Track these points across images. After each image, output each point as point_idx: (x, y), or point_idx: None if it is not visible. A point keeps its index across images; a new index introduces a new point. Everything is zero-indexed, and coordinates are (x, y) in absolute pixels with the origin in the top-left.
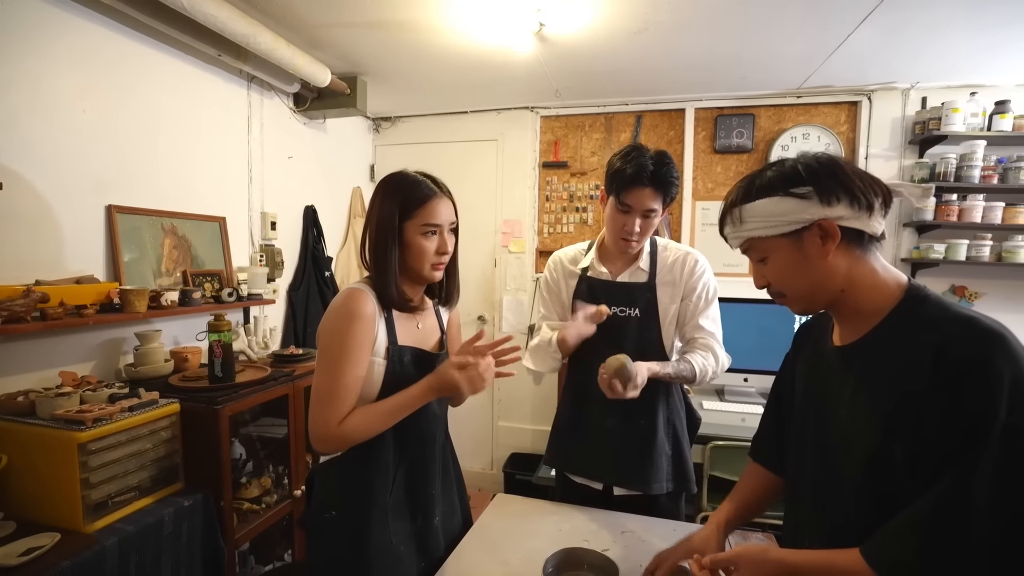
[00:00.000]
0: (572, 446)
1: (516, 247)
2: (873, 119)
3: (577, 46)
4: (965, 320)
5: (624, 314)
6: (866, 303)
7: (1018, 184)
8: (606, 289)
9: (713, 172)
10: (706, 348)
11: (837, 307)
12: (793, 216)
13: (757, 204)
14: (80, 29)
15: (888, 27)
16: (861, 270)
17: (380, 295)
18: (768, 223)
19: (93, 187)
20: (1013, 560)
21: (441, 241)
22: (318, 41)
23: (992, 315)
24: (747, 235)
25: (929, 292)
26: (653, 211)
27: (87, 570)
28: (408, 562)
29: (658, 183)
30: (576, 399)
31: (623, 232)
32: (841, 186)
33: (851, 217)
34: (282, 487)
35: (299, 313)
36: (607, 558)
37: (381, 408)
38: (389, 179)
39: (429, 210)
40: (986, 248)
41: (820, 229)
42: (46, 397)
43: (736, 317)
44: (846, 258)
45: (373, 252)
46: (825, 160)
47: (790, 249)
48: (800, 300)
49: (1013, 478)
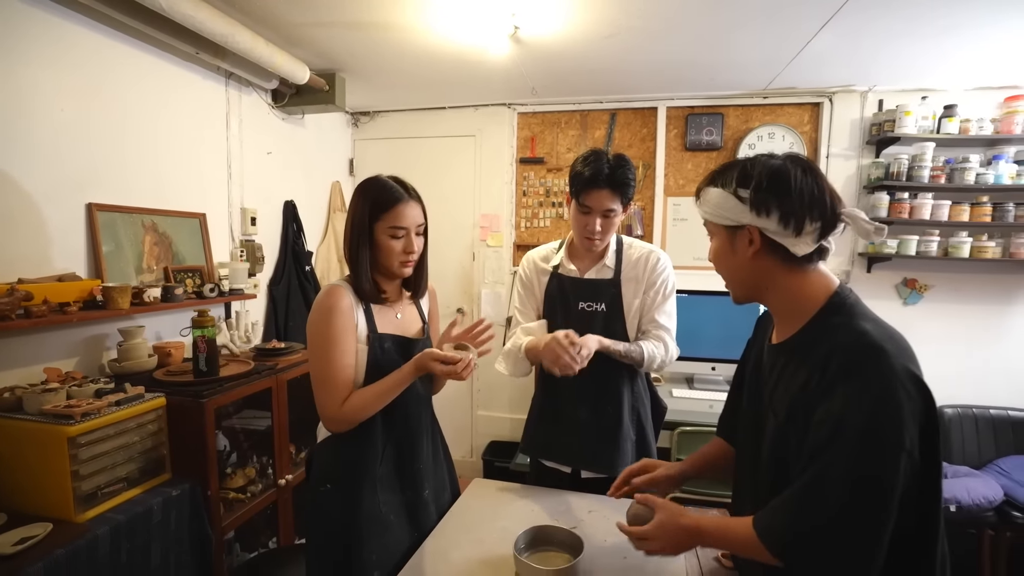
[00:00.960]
0: (545, 433)
1: (494, 241)
2: (834, 120)
3: (551, 48)
4: (858, 333)
5: (591, 308)
6: (792, 307)
7: (963, 184)
8: (575, 285)
9: (684, 169)
10: (658, 339)
11: (767, 302)
12: (731, 214)
13: (712, 192)
14: (56, 27)
15: (845, 33)
16: (787, 278)
17: (356, 289)
18: (715, 212)
19: (73, 185)
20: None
21: (408, 242)
22: (296, 39)
23: (939, 306)
24: (702, 214)
25: (847, 301)
26: (612, 211)
27: (81, 557)
28: (399, 531)
29: (614, 184)
30: (549, 391)
31: (586, 232)
32: (776, 202)
33: (778, 233)
34: (266, 477)
35: (280, 307)
36: (574, 534)
37: (375, 389)
38: (364, 183)
39: (396, 214)
40: (934, 243)
41: (749, 233)
42: (33, 393)
43: (704, 308)
44: (771, 265)
45: (348, 251)
46: (777, 173)
47: (725, 239)
48: (730, 286)
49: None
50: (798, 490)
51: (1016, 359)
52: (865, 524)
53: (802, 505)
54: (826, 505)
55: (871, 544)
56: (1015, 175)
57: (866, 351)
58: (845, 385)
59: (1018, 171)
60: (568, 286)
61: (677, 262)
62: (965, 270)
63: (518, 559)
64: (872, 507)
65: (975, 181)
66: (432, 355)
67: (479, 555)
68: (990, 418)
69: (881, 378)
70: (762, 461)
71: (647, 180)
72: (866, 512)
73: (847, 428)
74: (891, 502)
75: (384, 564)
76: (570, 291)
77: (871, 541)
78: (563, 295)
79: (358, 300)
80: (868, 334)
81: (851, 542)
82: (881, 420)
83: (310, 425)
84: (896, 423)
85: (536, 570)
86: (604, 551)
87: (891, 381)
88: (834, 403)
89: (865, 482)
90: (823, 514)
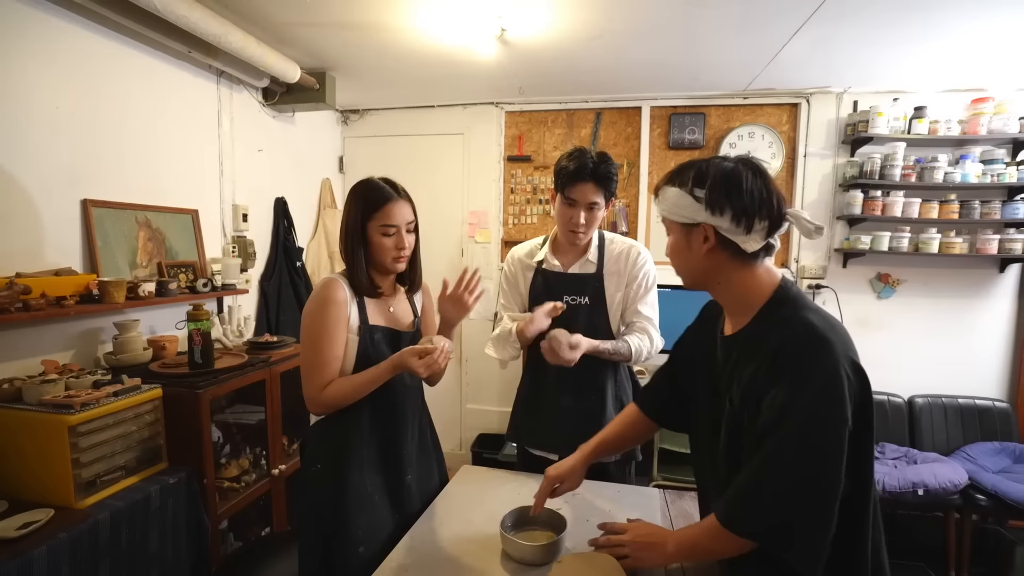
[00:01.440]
0: (530, 421)
1: (482, 237)
2: (811, 120)
3: (537, 49)
4: (804, 325)
5: (575, 302)
6: (741, 300)
7: (932, 182)
8: (559, 280)
9: (667, 167)
10: (643, 331)
11: (716, 295)
12: (687, 212)
13: (670, 190)
14: (51, 26)
15: (819, 38)
16: (737, 272)
17: (352, 283)
18: (671, 210)
19: (68, 181)
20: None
21: (399, 239)
22: (288, 38)
23: (910, 299)
24: (659, 211)
25: (791, 293)
26: (596, 204)
27: (83, 541)
28: (382, 511)
29: (599, 178)
30: (534, 380)
31: (570, 225)
32: (728, 202)
33: (729, 230)
34: (260, 467)
35: (271, 302)
36: (557, 514)
37: (355, 380)
38: (356, 186)
39: (386, 212)
40: (905, 239)
41: (704, 231)
42: (32, 384)
43: (681, 302)
44: (723, 260)
45: (344, 248)
46: (731, 174)
47: (681, 236)
48: (683, 278)
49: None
50: (751, 473)
51: (982, 350)
52: (819, 489)
53: (759, 484)
54: (782, 478)
55: (826, 507)
56: (980, 174)
57: (812, 342)
58: (794, 373)
59: (983, 170)
60: (552, 280)
61: (660, 258)
62: (935, 265)
63: (504, 536)
64: (822, 473)
65: (943, 180)
66: (410, 351)
67: (467, 534)
68: (958, 407)
69: (826, 365)
70: (719, 448)
71: (632, 178)
72: (819, 479)
73: (796, 409)
74: (839, 470)
75: (368, 540)
76: (554, 285)
77: (826, 504)
78: (548, 289)
79: (353, 294)
80: (814, 326)
81: (808, 507)
82: (826, 400)
83: (302, 417)
84: (839, 402)
85: (521, 546)
86: (586, 529)
87: (835, 367)
88: (782, 389)
89: (816, 452)
90: (781, 485)
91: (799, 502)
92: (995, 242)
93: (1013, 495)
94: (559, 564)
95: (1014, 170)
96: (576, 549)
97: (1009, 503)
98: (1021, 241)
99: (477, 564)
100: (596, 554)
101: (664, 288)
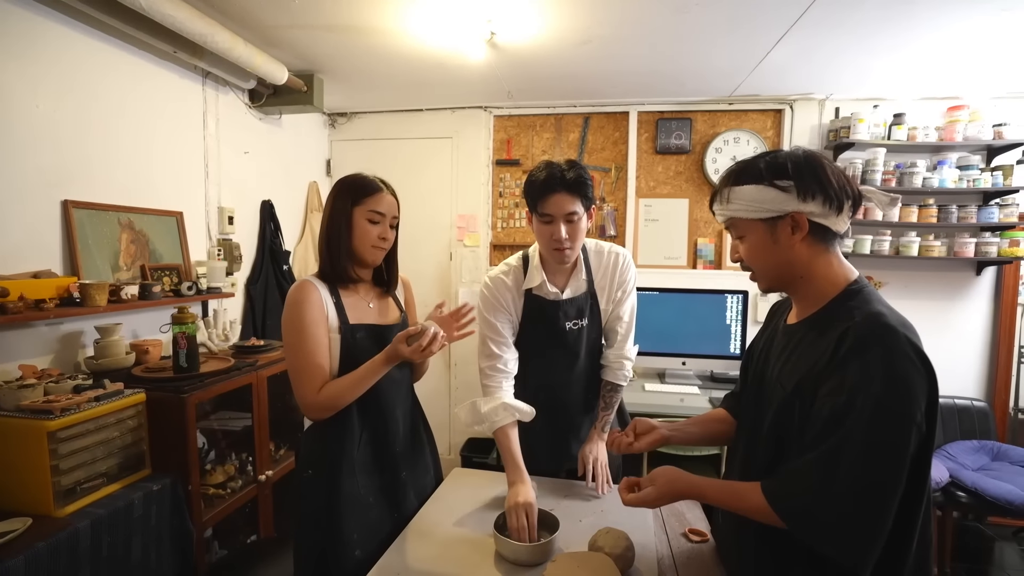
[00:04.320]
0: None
1: (471, 241)
2: (795, 126)
3: (527, 54)
4: (873, 315)
5: (576, 326)
6: (817, 290)
7: (911, 187)
8: (559, 307)
9: (655, 171)
10: (619, 364)
11: (795, 290)
12: (772, 205)
13: (744, 188)
14: (32, 24)
15: (802, 46)
16: (820, 261)
17: (329, 275)
18: (750, 207)
19: (48, 182)
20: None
21: (383, 228)
22: (275, 40)
23: (892, 302)
24: (731, 214)
25: (865, 287)
26: (574, 214)
27: (62, 550)
28: (379, 512)
29: (571, 186)
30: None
31: (553, 242)
32: (819, 186)
33: (821, 214)
34: (246, 473)
35: (258, 306)
36: (551, 514)
37: (349, 379)
38: (345, 177)
39: (376, 199)
40: (887, 243)
41: (792, 220)
42: (10, 389)
43: (675, 306)
44: (810, 249)
45: (327, 232)
46: (811, 159)
47: (764, 233)
48: (765, 278)
49: (876, 442)
50: (816, 459)
51: (960, 351)
52: (879, 491)
53: (821, 473)
54: (844, 473)
55: (884, 510)
56: (957, 179)
57: (881, 330)
58: (860, 359)
59: (960, 176)
60: (550, 308)
61: (649, 261)
62: (915, 268)
63: (498, 537)
64: (887, 474)
65: (922, 185)
66: (399, 338)
67: (460, 535)
68: (939, 406)
69: (894, 354)
70: (761, 436)
71: (619, 182)
72: (881, 479)
73: (863, 400)
74: (903, 470)
75: (365, 543)
76: (555, 313)
77: (884, 507)
78: (547, 317)
79: (329, 293)
80: (883, 315)
81: (865, 508)
82: (895, 393)
83: (289, 422)
84: (908, 397)
85: (514, 546)
86: (579, 529)
87: (903, 357)
88: (848, 376)
89: (882, 449)
90: (841, 482)
91: (855, 502)
92: (972, 245)
93: (993, 492)
94: (553, 564)
95: (989, 175)
96: (569, 549)
97: (989, 500)
98: (996, 244)
99: (470, 565)
100: (590, 553)
101: (651, 291)
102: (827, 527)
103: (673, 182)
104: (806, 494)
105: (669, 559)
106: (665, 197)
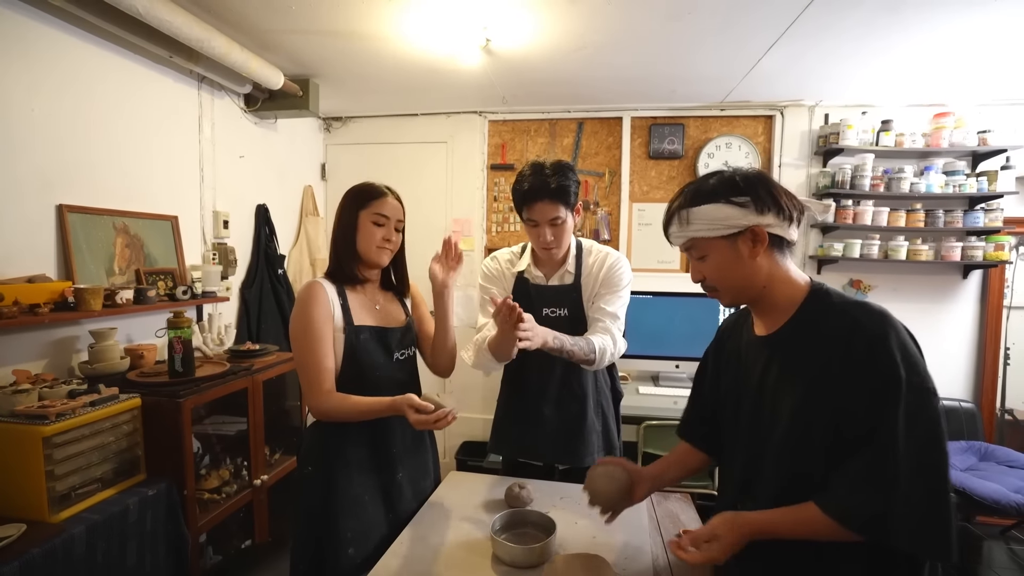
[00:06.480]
0: (513, 432)
1: (466, 245)
2: (785, 131)
3: (521, 59)
4: (862, 305)
5: (555, 314)
6: (781, 298)
7: (899, 192)
8: (539, 292)
9: (648, 176)
10: (605, 331)
11: (758, 301)
12: (732, 221)
13: (702, 208)
14: (28, 28)
15: (792, 53)
16: (779, 270)
17: (337, 276)
18: (712, 225)
19: (43, 186)
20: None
21: (388, 231)
22: (271, 45)
23: (879, 304)
24: (691, 235)
25: (829, 287)
26: (558, 218)
27: (56, 556)
28: (374, 511)
29: (553, 194)
30: (515, 390)
31: (539, 244)
32: (772, 199)
33: (776, 225)
34: (241, 478)
35: (252, 310)
36: (547, 516)
37: (353, 406)
38: (354, 186)
39: (380, 203)
40: (875, 247)
41: (752, 234)
42: (4, 394)
43: (668, 309)
44: (769, 260)
45: (335, 234)
46: (760, 175)
47: (726, 249)
48: (729, 293)
49: (919, 420)
50: (871, 462)
51: (948, 353)
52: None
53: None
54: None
55: (946, 492)
56: (944, 185)
57: (879, 319)
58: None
59: (946, 181)
60: (533, 292)
61: (642, 265)
62: (903, 271)
63: (495, 539)
64: (939, 452)
65: (909, 190)
66: (409, 401)
67: (457, 538)
68: None
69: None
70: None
71: (613, 187)
72: (935, 460)
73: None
74: (947, 440)
75: (359, 541)
76: (535, 297)
77: (946, 489)
78: (528, 300)
79: (336, 293)
80: (869, 304)
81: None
82: (916, 369)
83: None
84: (924, 370)
85: (511, 548)
86: (575, 532)
87: (907, 335)
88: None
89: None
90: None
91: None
92: (958, 249)
93: (980, 492)
94: (550, 565)
95: (974, 181)
96: (566, 551)
97: (977, 500)
98: (982, 248)
99: (467, 567)
100: (587, 555)
101: (645, 295)
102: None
103: (666, 187)
104: (874, 503)
105: (664, 561)
106: (658, 201)
